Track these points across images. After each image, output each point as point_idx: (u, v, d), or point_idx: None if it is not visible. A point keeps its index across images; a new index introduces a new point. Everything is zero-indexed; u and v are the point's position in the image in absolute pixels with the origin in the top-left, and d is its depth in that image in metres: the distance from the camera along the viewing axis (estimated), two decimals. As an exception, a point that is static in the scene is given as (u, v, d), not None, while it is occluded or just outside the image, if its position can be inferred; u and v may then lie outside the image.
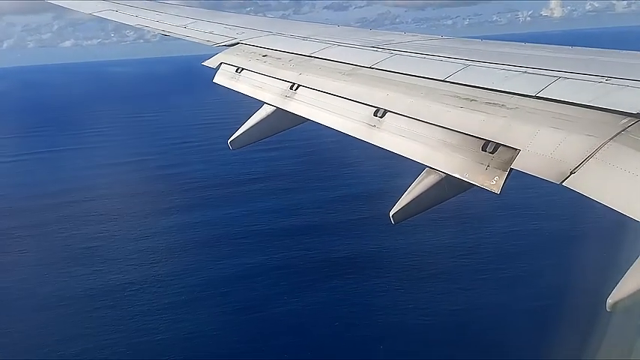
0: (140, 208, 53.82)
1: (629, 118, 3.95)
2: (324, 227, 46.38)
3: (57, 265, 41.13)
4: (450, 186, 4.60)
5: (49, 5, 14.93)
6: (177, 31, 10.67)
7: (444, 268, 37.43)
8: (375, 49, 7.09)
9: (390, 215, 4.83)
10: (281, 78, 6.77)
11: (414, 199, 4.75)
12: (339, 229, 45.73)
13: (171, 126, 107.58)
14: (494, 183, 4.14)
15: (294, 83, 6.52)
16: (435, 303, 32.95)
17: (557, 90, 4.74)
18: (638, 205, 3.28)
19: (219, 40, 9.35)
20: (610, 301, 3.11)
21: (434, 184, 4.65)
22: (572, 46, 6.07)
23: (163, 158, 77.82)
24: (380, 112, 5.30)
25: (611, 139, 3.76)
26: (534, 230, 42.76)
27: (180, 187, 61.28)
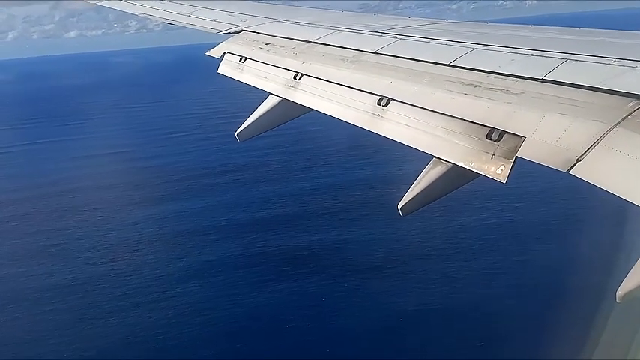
0: (113, 201, 53.57)
1: (635, 101, 3.88)
2: (293, 219, 45.68)
3: (16, 263, 40.24)
4: (456, 176, 4.56)
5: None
6: (182, 20, 10.65)
7: (411, 265, 35.76)
8: (380, 34, 7.00)
9: (399, 208, 4.81)
10: (285, 67, 6.73)
11: (422, 191, 4.71)
12: (308, 222, 44.95)
13: (162, 116, 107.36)
14: (500, 172, 4.11)
15: (298, 72, 6.48)
16: (387, 304, 31.14)
17: (564, 72, 4.65)
18: None
19: (223, 27, 9.31)
20: (620, 292, 3.09)
21: (441, 175, 4.61)
22: (579, 28, 5.94)
23: (147, 150, 77.62)
24: (384, 101, 5.26)
25: (617, 124, 3.70)
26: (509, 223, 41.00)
27: (157, 179, 61.00)
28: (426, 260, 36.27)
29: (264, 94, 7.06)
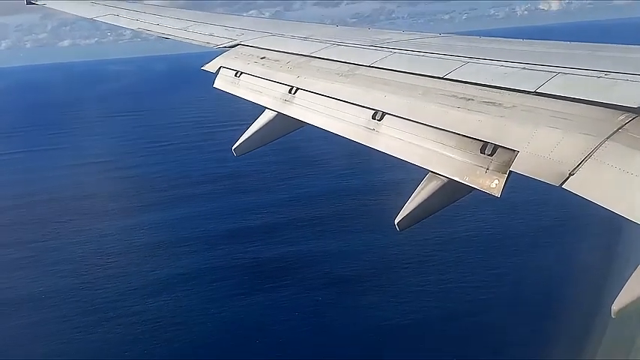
0: (91, 211, 52.96)
1: (626, 114, 3.93)
2: (271, 230, 45.09)
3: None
4: (452, 190, 4.59)
5: (37, 5, 15.08)
6: (178, 34, 10.72)
7: (387, 278, 34.97)
8: (374, 47, 7.07)
9: (396, 223, 4.83)
10: (280, 81, 6.79)
11: (418, 205, 4.74)
12: (286, 233, 44.35)
13: (149, 125, 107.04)
14: (494, 186, 4.14)
15: (293, 86, 6.53)
16: (361, 318, 30.39)
17: (556, 86, 4.71)
18: (634, 205, 3.27)
19: (219, 41, 9.39)
20: (615, 307, 3.10)
21: (437, 189, 4.64)
22: (570, 40, 6.01)
23: (130, 159, 77.21)
24: (378, 115, 5.30)
25: (608, 137, 3.74)
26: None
27: (137, 189, 60.58)
28: (403, 273, 35.74)
29: (254, 104, 7.11)
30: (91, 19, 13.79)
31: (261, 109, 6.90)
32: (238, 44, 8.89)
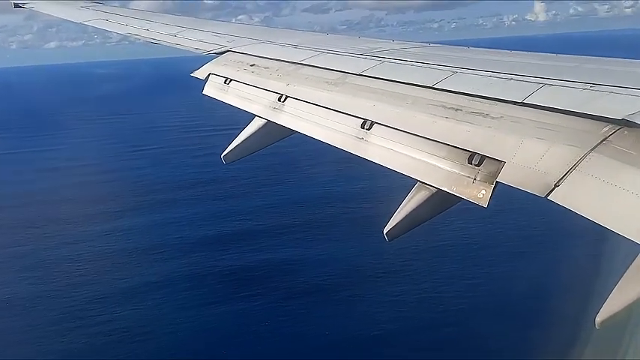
0: (67, 215, 52.15)
1: (610, 125, 3.99)
2: (247, 237, 44.65)
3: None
4: (440, 200, 4.61)
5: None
6: (168, 40, 10.67)
7: (361, 288, 34.64)
8: (364, 56, 7.11)
9: (384, 233, 4.84)
10: (269, 89, 6.79)
11: (407, 215, 4.75)
12: (262, 240, 43.99)
13: (133, 129, 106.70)
14: (481, 196, 4.17)
15: (283, 94, 6.53)
16: (332, 328, 30.00)
17: (543, 97, 4.77)
18: (617, 217, 3.32)
19: (208, 48, 9.36)
20: (599, 319, 3.13)
21: (426, 199, 4.66)
22: (556, 51, 6.11)
23: (111, 163, 76.69)
24: (367, 124, 5.33)
25: (592, 149, 3.80)
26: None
27: (116, 193, 59.95)
28: (377, 283, 35.54)
29: (241, 108, 7.08)
30: (79, 24, 13.70)
31: (249, 115, 6.88)
32: (228, 51, 8.88)
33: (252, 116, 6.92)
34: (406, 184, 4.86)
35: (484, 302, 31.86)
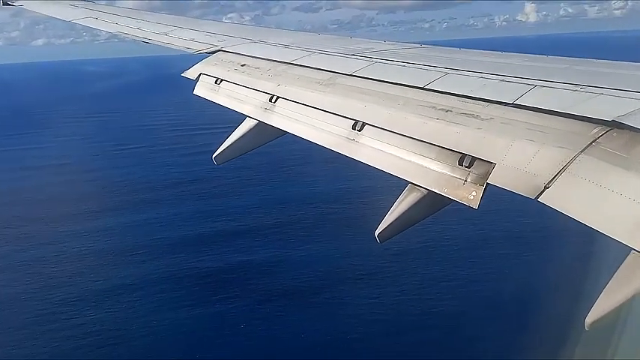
0: (45, 215, 51.23)
1: (599, 127, 4.01)
2: (227, 238, 44.08)
3: None
4: (432, 201, 4.61)
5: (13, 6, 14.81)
6: (158, 39, 10.60)
7: (339, 290, 34.07)
8: (356, 56, 7.10)
9: (376, 235, 4.82)
10: (260, 89, 6.76)
11: (399, 217, 4.74)
12: (242, 240, 43.37)
13: (119, 128, 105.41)
14: (472, 198, 4.17)
15: (274, 95, 6.51)
16: (308, 332, 29.44)
17: (533, 98, 4.79)
18: (606, 219, 3.33)
19: (199, 47, 9.31)
20: (588, 320, 3.14)
21: (417, 201, 4.66)
22: (546, 51, 6.14)
23: (94, 162, 75.65)
24: (358, 125, 5.32)
25: (582, 150, 3.81)
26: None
27: (97, 192, 59.03)
28: (357, 284, 35.13)
29: (232, 109, 7.02)
30: (69, 22, 13.57)
31: (237, 113, 6.83)
32: (219, 50, 8.83)
33: (240, 114, 6.88)
34: (390, 184, 4.83)
35: (464, 304, 31.67)
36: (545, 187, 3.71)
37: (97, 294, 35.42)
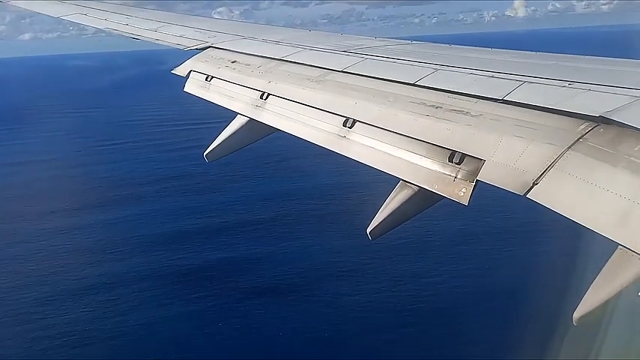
0: (25, 212, 50.22)
1: (587, 123, 4.05)
2: (208, 234, 43.42)
3: None
4: (423, 198, 4.64)
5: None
6: (148, 35, 10.52)
7: (319, 287, 33.55)
8: (347, 53, 7.10)
9: (368, 232, 4.84)
10: (251, 86, 6.74)
11: (390, 214, 4.77)
12: (224, 237, 42.77)
13: (104, 123, 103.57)
14: (462, 194, 4.21)
15: (264, 92, 6.49)
16: (286, 330, 28.91)
17: (522, 94, 4.83)
18: (593, 215, 3.38)
19: (190, 43, 9.25)
20: (576, 315, 3.19)
21: (408, 198, 4.68)
22: (534, 47, 6.19)
23: (78, 157, 74.07)
24: (349, 122, 5.33)
25: (569, 147, 3.85)
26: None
27: (79, 188, 57.79)
28: (336, 281, 34.68)
29: (223, 106, 7.00)
30: (57, 18, 13.42)
31: (224, 109, 6.81)
32: (209, 46, 8.79)
33: (228, 111, 6.86)
34: (374, 180, 4.84)
35: (443, 301, 31.43)
36: (534, 184, 3.76)
37: (73, 293, 34.64)
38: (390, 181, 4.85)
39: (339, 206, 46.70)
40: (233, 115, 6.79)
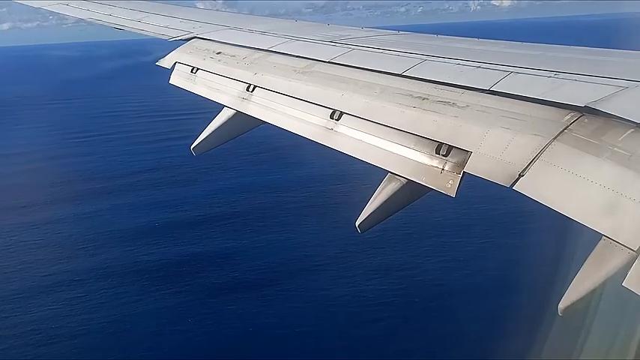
0: None
1: (572, 113, 4.08)
2: (183, 227, 42.45)
3: None
4: (411, 190, 4.64)
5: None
6: (131, 25, 10.35)
7: (292, 282, 32.79)
8: (333, 43, 7.04)
9: (357, 225, 4.83)
10: (237, 79, 6.66)
11: (379, 207, 4.77)
12: (199, 230, 41.79)
13: (83, 114, 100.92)
14: (449, 186, 4.22)
15: (251, 84, 6.42)
16: (257, 326, 28.30)
17: (509, 84, 4.83)
18: (578, 206, 3.41)
19: (174, 34, 9.12)
20: (561, 306, 3.23)
21: (397, 190, 4.68)
22: (519, 36, 6.19)
23: (54, 149, 71.75)
24: (336, 114, 5.30)
25: (555, 138, 3.87)
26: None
27: (54, 181, 56.03)
28: (309, 275, 33.98)
29: (210, 99, 6.91)
30: (38, 8, 13.13)
31: (204, 100, 6.71)
32: (194, 37, 8.67)
33: (209, 101, 6.78)
34: (352, 171, 4.79)
35: (416, 295, 30.95)
36: (520, 176, 3.77)
37: (41, 290, 33.69)
38: (374, 173, 4.80)
39: (315, 199, 46.15)
40: (217, 106, 6.71)
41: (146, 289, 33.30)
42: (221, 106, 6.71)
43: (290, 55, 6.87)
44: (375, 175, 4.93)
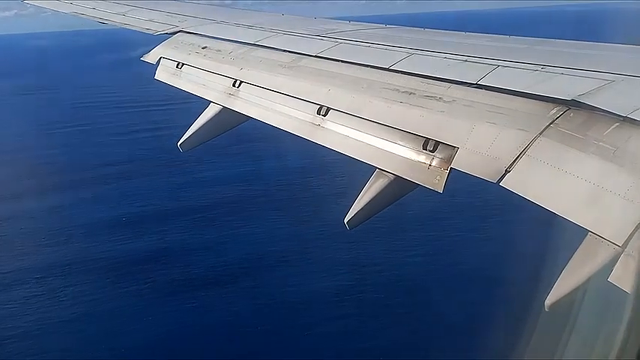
0: None
1: (558, 107, 4.08)
2: (144, 221, 40.89)
3: None
4: (399, 186, 4.62)
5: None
6: (115, 19, 10.20)
7: (258, 278, 31.84)
8: (320, 37, 6.98)
9: (345, 222, 4.80)
10: (223, 74, 6.58)
11: (367, 203, 4.74)
12: (162, 223, 40.40)
13: (58, 105, 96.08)
14: (437, 182, 4.20)
15: (237, 79, 6.35)
16: (220, 326, 27.30)
17: (496, 78, 4.82)
18: (563, 202, 3.41)
19: (159, 28, 8.99)
20: (548, 302, 3.24)
21: (385, 186, 4.66)
22: (506, 27, 6.17)
23: (16, 142, 67.87)
24: (323, 110, 5.25)
25: (541, 133, 3.87)
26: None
27: (12, 175, 53.32)
28: (274, 271, 32.86)
29: (197, 95, 6.81)
30: (20, 2, 12.88)
31: (182, 91, 6.60)
32: (180, 31, 8.55)
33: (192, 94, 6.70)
34: (325, 162, 4.68)
35: (382, 291, 30.21)
36: (507, 171, 3.77)
37: None
38: (338, 163, 4.69)
39: (285, 192, 44.91)
40: (200, 98, 6.62)
41: (105, 287, 31.96)
42: (203, 100, 6.64)
43: (276, 49, 6.80)
44: (359, 169, 4.86)
